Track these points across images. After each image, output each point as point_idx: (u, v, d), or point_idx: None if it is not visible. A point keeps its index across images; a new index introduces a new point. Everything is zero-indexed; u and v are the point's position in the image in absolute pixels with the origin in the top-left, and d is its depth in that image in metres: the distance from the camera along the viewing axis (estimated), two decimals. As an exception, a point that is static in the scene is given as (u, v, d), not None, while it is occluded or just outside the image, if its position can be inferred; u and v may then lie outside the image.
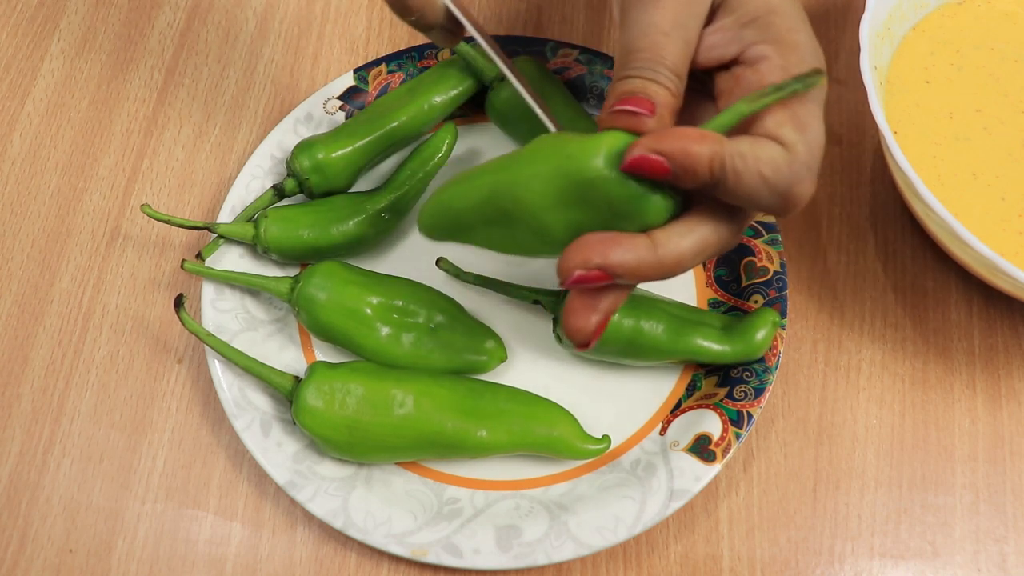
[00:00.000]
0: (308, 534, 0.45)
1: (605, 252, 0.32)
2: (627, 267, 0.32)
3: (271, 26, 0.58)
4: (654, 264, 0.32)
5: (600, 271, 0.32)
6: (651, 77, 0.34)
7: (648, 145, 0.32)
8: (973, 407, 0.48)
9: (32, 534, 0.45)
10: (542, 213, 0.35)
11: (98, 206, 0.53)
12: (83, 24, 0.58)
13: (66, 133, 0.54)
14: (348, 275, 0.46)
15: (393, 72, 0.53)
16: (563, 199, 0.34)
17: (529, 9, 0.58)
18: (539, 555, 0.42)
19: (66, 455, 0.47)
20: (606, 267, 0.32)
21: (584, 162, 0.33)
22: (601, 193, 0.33)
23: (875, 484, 0.46)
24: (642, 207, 0.33)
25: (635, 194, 0.32)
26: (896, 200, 0.52)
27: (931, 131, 0.49)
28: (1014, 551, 0.45)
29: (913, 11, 0.51)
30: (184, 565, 0.44)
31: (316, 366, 0.44)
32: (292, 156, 0.49)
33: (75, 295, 0.50)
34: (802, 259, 0.51)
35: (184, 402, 0.48)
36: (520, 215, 0.35)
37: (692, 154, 0.31)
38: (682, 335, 0.45)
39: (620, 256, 0.32)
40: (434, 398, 0.44)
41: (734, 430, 0.44)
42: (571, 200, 0.34)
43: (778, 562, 0.45)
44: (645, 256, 0.32)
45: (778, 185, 0.32)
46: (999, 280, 0.45)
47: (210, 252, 0.48)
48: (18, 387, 0.48)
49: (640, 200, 0.33)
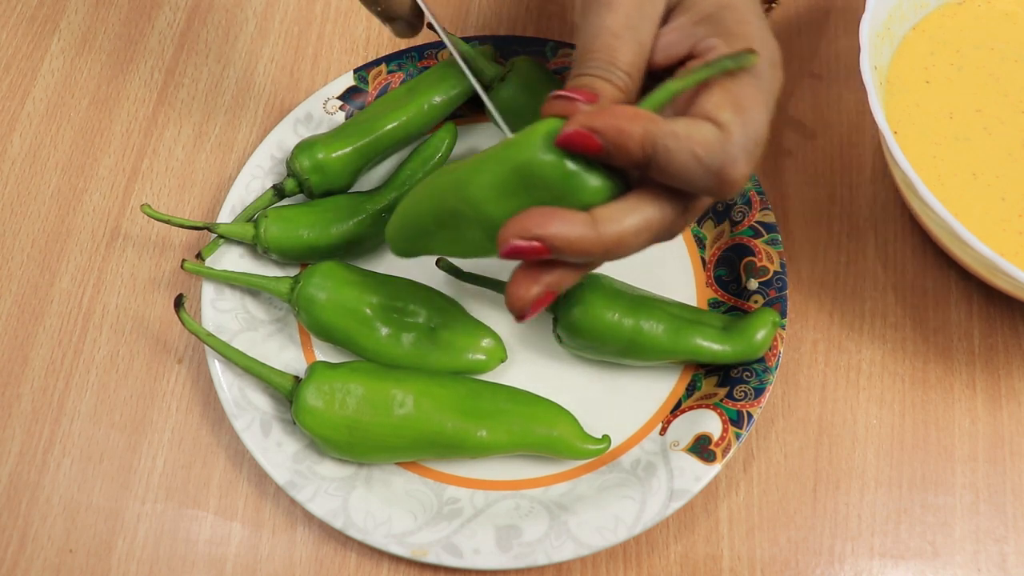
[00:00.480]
0: (308, 534, 0.45)
1: (543, 223, 0.32)
2: (564, 239, 0.32)
3: (271, 26, 0.58)
4: (593, 240, 0.32)
5: (537, 242, 0.32)
6: (602, 76, 0.34)
7: (580, 121, 0.32)
8: (973, 407, 0.48)
9: (32, 534, 0.45)
10: (487, 205, 0.35)
11: (98, 206, 0.53)
12: (83, 24, 0.58)
13: (66, 133, 0.54)
14: (348, 275, 0.46)
15: (393, 72, 0.53)
16: (505, 188, 0.34)
17: (529, 9, 0.58)
18: (539, 555, 0.42)
19: (66, 455, 0.47)
20: (543, 238, 0.32)
21: (522, 146, 0.34)
22: (539, 176, 0.33)
23: (875, 484, 0.46)
24: (579, 187, 0.33)
25: (571, 173, 0.33)
26: (896, 200, 0.52)
27: (931, 131, 0.49)
28: (1014, 551, 0.45)
29: (913, 11, 0.51)
30: (184, 565, 0.44)
31: (316, 366, 0.44)
32: (292, 156, 0.49)
33: (75, 295, 0.50)
34: (802, 259, 0.51)
35: (184, 402, 0.48)
36: (468, 212, 0.36)
37: (624, 131, 0.32)
38: (682, 335, 0.45)
39: (557, 228, 0.32)
40: (434, 398, 0.44)
41: (734, 430, 0.44)
42: (513, 188, 0.34)
43: (778, 562, 0.45)
44: (583, 231, 0.32)
45: (711, 165, 0.32)
46: (999, 280, 0.45)
47: (210, 252, 0.48)
48: (18, 387, 0.48)
49: (576, 179, 0.33)
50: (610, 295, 0.45)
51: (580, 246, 0.32)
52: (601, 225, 0.32)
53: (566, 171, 0.33)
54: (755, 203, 0.49)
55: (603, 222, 0.33)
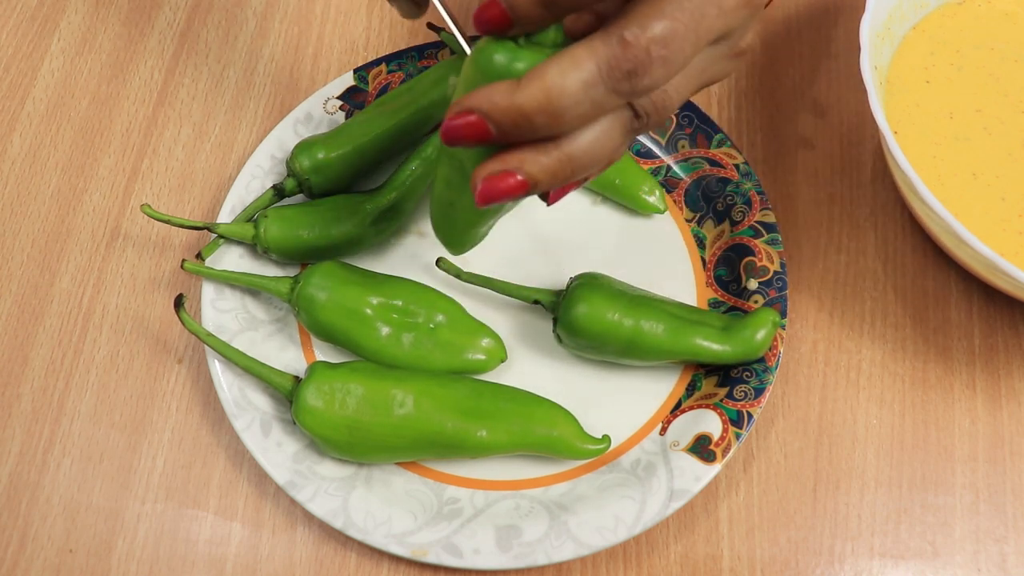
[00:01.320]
0: (308, 534, 0.45)
1: (470, 95, 0.32)
2: (490, 102, 0.31)
3: (271, 26, 0.58)
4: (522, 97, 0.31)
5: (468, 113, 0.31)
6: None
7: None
8: (973, 407, 0.48)
9: (32, 534, 0.45)
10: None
11: (98, 206, 0.53)
12: (83, 24, 0.58)
13: (66, 133, 0.54)
14: (348, 275, 0.46)
15: (393, 72, 0.53)
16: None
17: (529, 9, 0.58)
18: (539, 555, 0.42)
19: (66, 455, 0.47)
20: (471, 107, 0.31)
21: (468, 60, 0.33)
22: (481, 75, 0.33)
23: (875, 484, 0.46)
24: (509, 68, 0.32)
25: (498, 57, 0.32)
26: (896, 200, 0.52)
27: (931, 131, 0.49)
28: (1014, 551, 0.45)
29: (913, 11, 0.51)
30: (184, 565, 0.44)
31: (316, 366, 0.44)
32: (292, 156, 0.49)
33: (75, 295, 0.50)
34: (802, 259, 0.51)
35: (184, 402, 0.48)
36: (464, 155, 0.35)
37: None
38: (682, 335, 0.45)
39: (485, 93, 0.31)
40: (434, 398, 0.44)
41: (734, 430, 0.44)
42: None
43: (778, 562, 0.45)
44: (507, 88, 0.31)
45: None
46: (999, 280, 0.45)
47: (210, 252, 0.48)
48: (18, 387, 0.48)
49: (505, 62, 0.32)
50: (610, 295, 0.45)
51: (509, 106, 0.31)
52: (524, 81, 0.31)
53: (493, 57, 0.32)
54: (755, 203, 0.49)
55: (526, 78, 0.31)
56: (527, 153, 0.32)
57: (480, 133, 0.32)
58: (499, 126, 0.31)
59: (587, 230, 0.51)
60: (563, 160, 0.32)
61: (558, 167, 0.32)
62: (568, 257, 0.50)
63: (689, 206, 0.51)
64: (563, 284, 0.49)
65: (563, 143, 0.32)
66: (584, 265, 0.49)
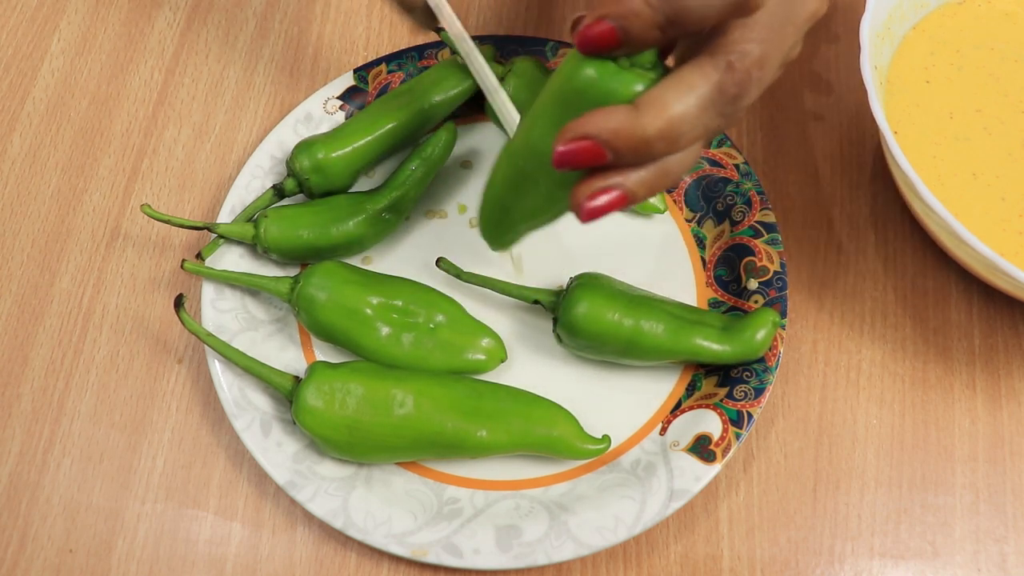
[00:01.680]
0: (308, 534, 0.45)
1: (585, 122, 0.32)
2: (609, 129, 0.31)
3: (271, 26, 0.58)
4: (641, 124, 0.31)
5: (585, 139, 0.32)
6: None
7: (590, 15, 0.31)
8: (973, 407, 0.48)
9: (32, 534, 0.45)
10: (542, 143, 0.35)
11: (98, 206, 0.53)
12: (83, 24, 0.58)
13: (66, 133, 0.54)
14: (348, 275, 0.46)
15: (393, 72, 0.53)
16: (554, 120, 0.34)
17: (529, 9, 0.58)
18: (539, 555, 0.42)
19: (66, 455, 0.47)
20: (588, 134, 0.32)
21: (559, 74, 0.34)
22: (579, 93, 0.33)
23: (875, 484, 0.46)
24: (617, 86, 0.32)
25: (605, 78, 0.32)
26: (896, 200, 0.52)
27: (931, 131, 0.49)
28: (1014, 551, 0.45)
29: (913, 11, 0.51)
30: (184, 565, 0.44)
31: (316, 366, 0.44)
32: (292, 156, 0.49)
33: (75, 295, 0.50)
34: (802, 259, 0.51)
35: (184, 402, 0.48)
36: (537, 166, 0.36)
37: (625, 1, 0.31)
38: (682, 335, 0.45)
39: (601, 120, 0.32)
40: (434, 398, 0.44)
41: (734, 430, 0.44)
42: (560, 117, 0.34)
43: (778, 562, 0.45)
44: (626, 116, 0.31)
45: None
46: (999, 280, 0.45)
47: (210, 252, 0.48)
48: (18, 387, 0.48)
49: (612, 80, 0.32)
50: (610, 295, 0.45)
51: (630, 134, 0.31)
52: (644, 108, 0.31)
53: (597, 77, 0.32)
54: (755, 203, 0.49)
55: (645, 105, 0.31)
56: (628, 169, 0.33)
57: (596, 158, 0.32)
58: (617, 152, 0.32)
59: (587, 230, 0.51)
60: (659, 174, 0.33)
61: (654, 181, 0.33)
62: (568, 257, 0.50)
63: (689, 206, 0.51)
64: (563, 284, 0.49)
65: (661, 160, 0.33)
66: (584, 265, 0.49)
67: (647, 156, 0.32)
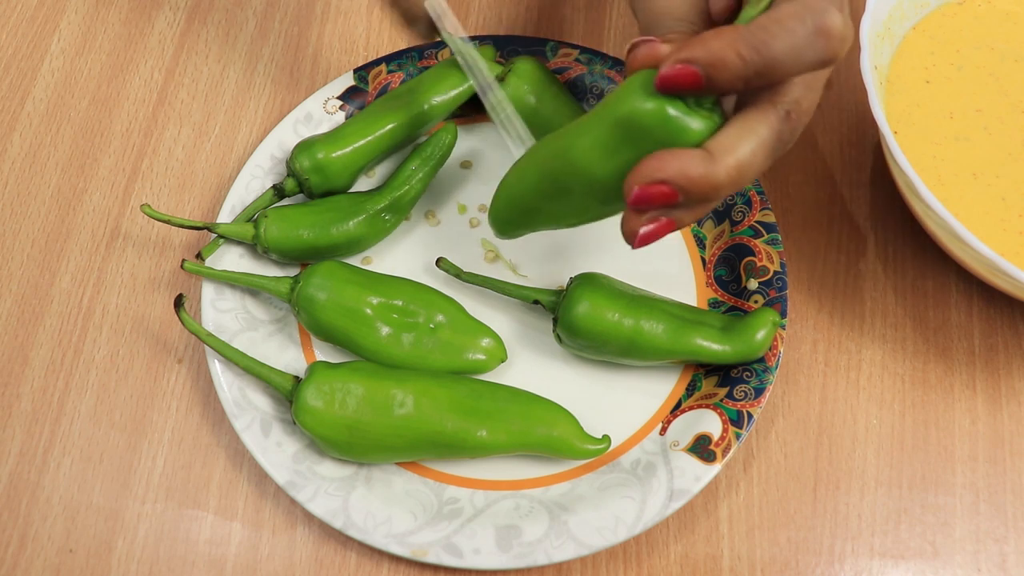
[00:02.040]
0: (308, 534, 0.45)
1: (663, 166, 0.33)
2: (686, 177, 0.32)
3: (271, 26, 0.58)
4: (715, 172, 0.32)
5: (662, 184, 0.33)
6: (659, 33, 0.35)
7: (676, 57, 0.32)
8: (973, 407, 0.48)
9: (32, 534, 0.45)
10: (592, 167, 0.36)
11: (98, 206, 0.53)
12: (83, 24, 0.58)
13: (66, 133, 0.54)
14: (348, 275, 0.46)
15: (393, 72, 0.53)
16: (609, 146, 0.35)
17: (529, 9, 0.58)
18: (539, 555, 0.42)
19: (66, 455, 0.47)
20: (667, 180, 0.32)
21: (621, 100, 0.34)
22: (642, 127, 0.34)
23: (875, 484, 0.46)
24: (683, 128, 0.33)
25: (673, 116, 0.33)
26: (896, 200, 0.52)
27: (931, 131, 0.49)
28: (1014, 551, 0.45)
29: (913, 11, 0.51)
30: (184, 565, 0.44)
31: (316, 366, 0.44)
32: (292, 156, 0.49)
33: (75, 295, 0.50)
34: (802, 259, 0.51)
35: (184, 402, 0.48)
36: (573, 177, 0.37)
37: (716, 50, 0.31)
38: (682, 335, 0.45)
39: (679, 167, 0.32)
40: (434, 398, 0.44)
41: (734, 430, 0.44)
42: (616, 145, 0.35)
43: (778, 562, 0.45)
44: (703, 164, 0.32)
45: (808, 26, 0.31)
46: (999, 280, 0.45)
47: (210, 252, 0.48)
48: (18, 387, 0.48)
49: (679, 121, 0.33)
50: (610, 295, 0.45)
51: (704, 181, 0.32)
52: (719, 156, 0.32)
53: (668, 115, 0.33)
54: (755, 203, 0.49)
55: (719, 153, 0.32)
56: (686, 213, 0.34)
57: (669, 200, 0.33)
58: (690, 196, 0.33)
59: (587, 230, 0.51)
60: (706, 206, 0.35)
61: (701, 212, 0.35)
62: (568, 257, 0.50)
63: (689, 206, 0.51)
64: (563, 284, 0.49)
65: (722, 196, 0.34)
66: (584, 265, 0.49)
67: (714, 199, 0.33)
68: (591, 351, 0.46)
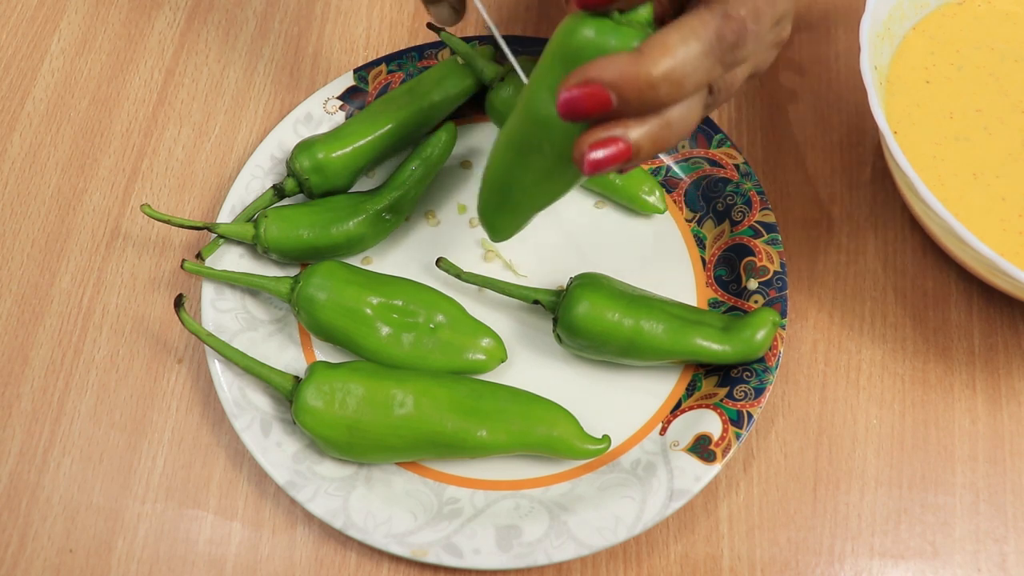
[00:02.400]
0: (308, 534, 0.45)
1: (589, 67, 0.32)
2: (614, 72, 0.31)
3: (271, 26, 0.58)
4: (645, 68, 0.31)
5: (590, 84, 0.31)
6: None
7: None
8: (973, 407, 0.48)
9: (32, 534, 0.45)
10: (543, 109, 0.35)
11: (98, 206, 0.53)
12: (83, 24, 0.58)
13: (66, 133, 0.54)
14: (348, 275, 0.46)
15: (393, 72, 0.53)
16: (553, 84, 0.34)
17: (529, 9, 0.58)
18: (539, 555, 0.42)
19: (66, 455, 0.47)
20: (593, 78, 0.31)
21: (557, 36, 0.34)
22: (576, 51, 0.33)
23: (875, 484, 0.46)
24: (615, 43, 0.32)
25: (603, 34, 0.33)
26: (896, 200, 0.52)
27: (931, 131, 0.49)
28: (1014, 551, 0.45)
29: (913, 11, 0.51)
30: (184, 565, 0.44)
31: (316, 366, 0.44)
32: (292, 156, 0.49)
33: (75, 295, 0.50)
34: (802, 259, 0.51)
35: (184, 402, 0.48)
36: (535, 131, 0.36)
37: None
38: (682, 335, 0.45)
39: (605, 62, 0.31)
40: (434, 398, 0.44)
41: (734, 430, 0.44)
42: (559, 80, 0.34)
43: (778, 562, 0.45)
44: (631, 59, 0.31)
45: None
46: (999, 280, 0.45)
47: (210, 252, 0.48)
48: (18, 387, 0.48)
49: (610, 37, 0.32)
50: (610, 295, 0.45)
51: (634, 75, 0.31)
52: (649, 52, 0.31)
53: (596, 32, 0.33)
54: (755, 203, 0.49)
55: (649, 49, 0.31)
56: (630, 121, 0.32)
57: (602, 104, 0.32)
58: (623, 96, 0.31)
59: (587, 230, 0.51)
60: (662, 126, 0.33)
61: (657, 134, 0.33)
62: (568, 257, 0.50)
63: (689, 206, 0.51)
64: (563, 284, 0.49)
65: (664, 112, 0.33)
66: (584, 265, 0.49)
67: (652, 101, 0.32)
68: (591, 351, 0.46)
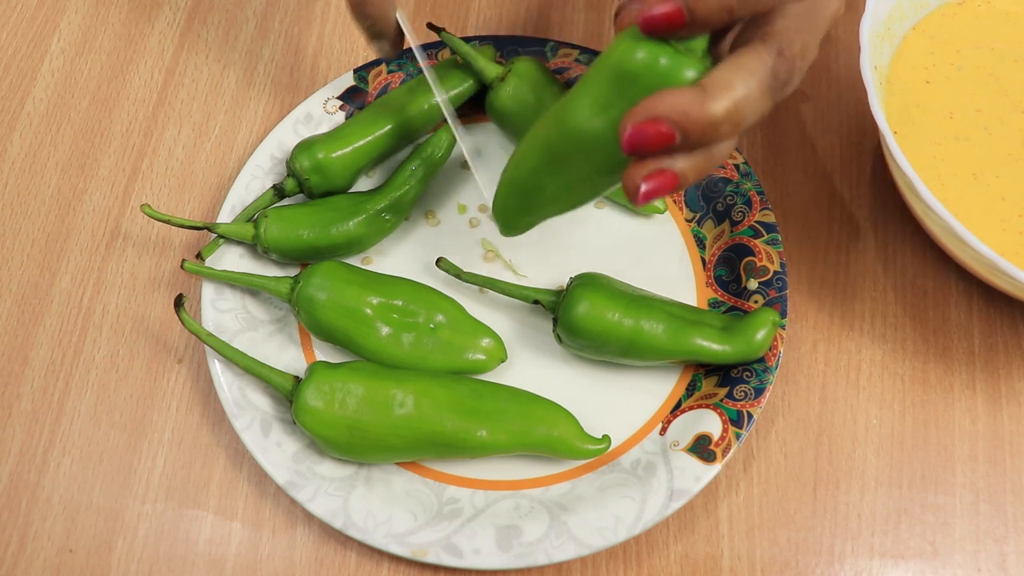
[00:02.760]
0: (308, 534, 0.45)
1: (655, 103, 0.32)
2: (680, 111, 0.31)
3: (271, 26, 0.58)
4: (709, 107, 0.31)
5: (657, 122, 0.32)
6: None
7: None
8: (973, 407, 0.48)
9: (32, 534, 0.45)
10: (587, 126, 0.35)
11: (98, 206, 0.53)
12: (83, 24, 0.58)
13: (66, 133, 0.54)
14: (348, 275, 0.46)
15: (393, 72, 0.53)
16: (601, 103, 0.34)
17: (529, 9, 0.58)
18: (539, 555, 0.42)
19: (66, 455, 0.47)
20: (660, 116, 0.32)
21: (610, 55, 0.34)
22: (634, 75, 0.33)
23: (875, 484, 0.46)
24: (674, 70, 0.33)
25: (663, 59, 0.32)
26: (896, 200, 0.52)
27: (931, 131, 0.49)
28: (1014, 551, 0.45)
29: (913, 11, 0.51)
30: (184, 565, 0.44)
31: (316, 366, 0.44)
32: (292, 156, 0.49)
33: (75, 295, 0.50)
34: (802, 259, 0.51)
35: (184, 402, 0.48)
36: (571, 143, 0.36)
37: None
38: (682, 335, 0.45)
39: (672, 102, 0.32)
40: (434, 398, 0.44)
41: (734, 430, 0.44)
42: (609, 99, 0.34)
43: (778, 562, 0.45)
44: (696, 98, 0.32)
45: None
46: (999, 280, 0.45)
47: (210, 252, 0.48)
48: (18, 387, 0.48)
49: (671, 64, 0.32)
50: (610, 295, 0.45)
51: (700, 116, 0.31)
52: (712, 91, 0.32)
53: (657, 60, 0.33)
54: (755, 203, 0.49)
55: (713, 88, 0.32)
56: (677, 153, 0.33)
57: (667, 141, 0.32)
58: (686, 134, 0.32)
59: (587, 230, 0.51)
60: (707, 158, 0.33)
61: (702, 164, 0.33)
62: (568, 257, 0.50)
63: (689, 206, 0.51)
64: (563, 284, 0.49)
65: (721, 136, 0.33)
66: (584, 265, 0.49)
67: (712, 139, 0.32)
68: (591, 351, 0.46)
